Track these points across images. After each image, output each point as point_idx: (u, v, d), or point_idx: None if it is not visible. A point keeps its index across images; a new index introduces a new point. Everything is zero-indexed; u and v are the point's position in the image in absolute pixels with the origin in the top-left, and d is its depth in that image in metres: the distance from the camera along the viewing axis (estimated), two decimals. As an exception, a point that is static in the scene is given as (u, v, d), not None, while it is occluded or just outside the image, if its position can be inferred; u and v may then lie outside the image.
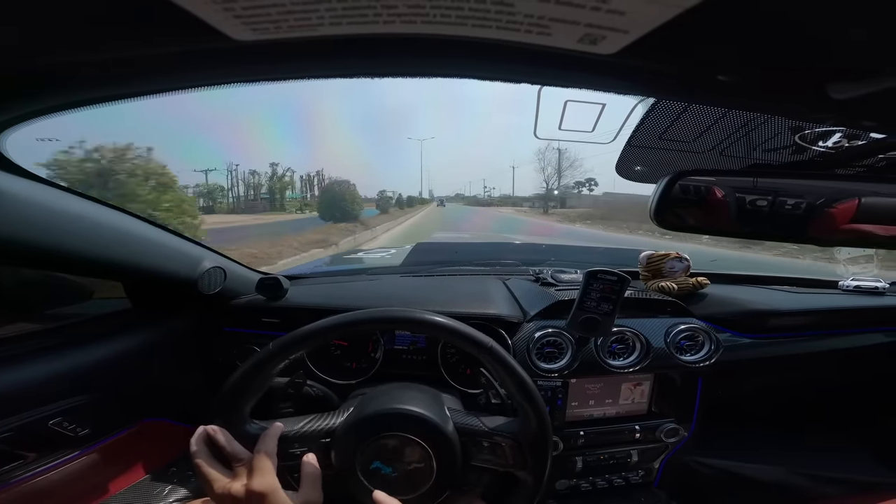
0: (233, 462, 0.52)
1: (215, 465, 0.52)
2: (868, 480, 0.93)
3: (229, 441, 0.53)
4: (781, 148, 0.48)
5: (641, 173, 0.58)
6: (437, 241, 7.06)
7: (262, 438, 0.53)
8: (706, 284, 1.06)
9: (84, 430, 0.65)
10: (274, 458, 0.52)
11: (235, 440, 0.53)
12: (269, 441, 0.53)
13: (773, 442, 1.02)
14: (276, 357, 0.54)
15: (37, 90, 0.32)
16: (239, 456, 0.52)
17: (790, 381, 1.07)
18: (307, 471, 0.54)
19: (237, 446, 0.53)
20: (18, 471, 0.59)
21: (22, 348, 0.62)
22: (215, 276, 0.84)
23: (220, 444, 0.53)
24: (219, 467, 0.51)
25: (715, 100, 0.37)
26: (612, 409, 0.92)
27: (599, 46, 0.23)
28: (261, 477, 0.49)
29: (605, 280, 0.77)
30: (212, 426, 0.53)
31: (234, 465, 0.52)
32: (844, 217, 0.46)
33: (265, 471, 0.50)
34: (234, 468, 0.52)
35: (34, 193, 0.51)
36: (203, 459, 0.51)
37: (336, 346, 0.93)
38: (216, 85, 0.31)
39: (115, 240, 0.64)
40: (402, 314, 0.58)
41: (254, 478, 0.49)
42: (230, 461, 0.52)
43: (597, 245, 3.87)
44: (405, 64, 0.28)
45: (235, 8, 0.20)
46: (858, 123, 0.35)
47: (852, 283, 1.14)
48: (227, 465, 0.52)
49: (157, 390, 0.83)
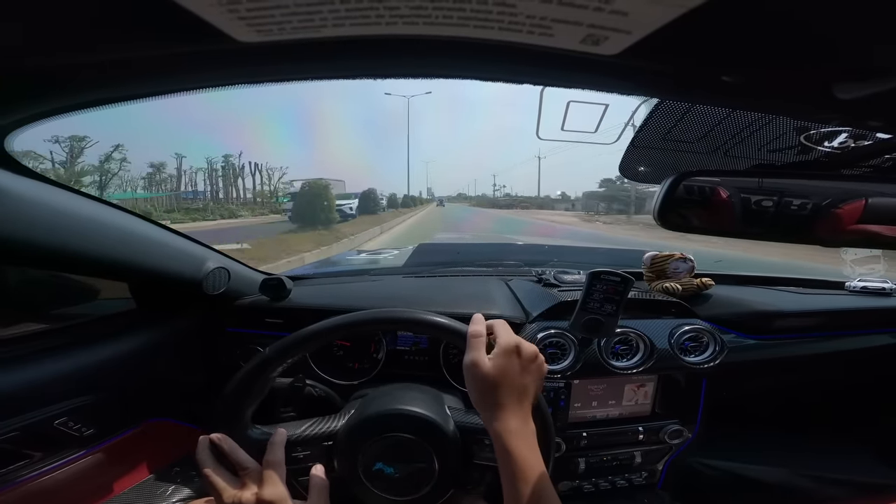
0: (239, 470, 0.52)
1: (223, 473, 0.52)
2: (873, 482, 0.92)
3: (233, 449, 0.53)
4: (786, 148, 0.48)
5: (645, 174, 0.58)
6: (439, 241, 7.06)
7: (269, 447, 0.54)
8: (711, 285, 1.05)
9: (89, 429, 0.66)
10: (282, 468, 0.53)
11: (239, 447, 0.54)
12: (276, 450, 0.54)
13: (777, 443, 1.01)
14: (274, 361, 0.54)
15: (41, 92, 0.32)
16: (244, 464, 0.52)
17: (795, 383, 1.06)
18: (315, 482, 0.55)
19: (242, 454, 0.53)
20: (24, 470, 0.59)
21: (27, 348, 0.63)
22: (219, 276, 0.84)
23: (224, 452, 0.53)
24: (227, 476, 0.52)
25: (719, 100, 0.36)
26: (615, 411, 0.92)
27: (602, 47, 0.23)
28: (271, 487, 0.50)
29: (608, 281, 0.77)
30: (216, 434, 0.53)
31: (241, 473, 0.52)
32: (851, 218, 0.45)
33: (274, 480, 0.51)
34: (241, 476, 0.52)
35: (40, 194, 0.51)
36: (211, 469, 0.51)
37: (338, 347, 0.93)
38: (221, 86, 0.31)
39: (121, 240, 0.64)
40: (403, 314, 0.58)
41: (264, 487, 0.50)
42: (236, 469, 0.53)
43: (601, 246, 3.85)
44: (407, 65, 0.28)
45: (240, 10, 0.20)
46: (865, 123, 0.35)
47: (859, 283, 1.13)
48: (233, 472, 0.53)
49: (162, 390, 0.83)
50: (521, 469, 0.48)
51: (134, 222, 0.68)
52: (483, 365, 0.51)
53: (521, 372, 0.52)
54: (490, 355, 0.52)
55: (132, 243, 0.66)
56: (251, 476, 0.51)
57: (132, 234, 0.67)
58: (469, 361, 0.52)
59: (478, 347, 0.52)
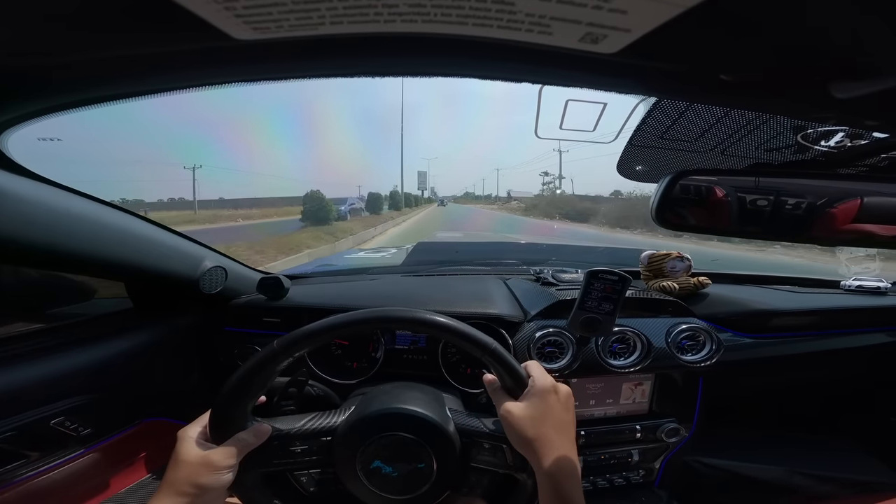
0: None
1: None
2: (869, 480, 0.93)
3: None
4: (783, 147, 0.48)
5: (642, 173, 0.58)
6: (438, 240, 7.07)
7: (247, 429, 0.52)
8: (708, 284, 1.05)
9: (86, 429, 0.65)
10: (246, 448, 0.51)
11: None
12: (250, 433, 0.52)
13: (774, 441, 1.02)
14: (277, 357, 0.54)
15: (37, 89, 0.32)
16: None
17: (791, 381, 1.07)
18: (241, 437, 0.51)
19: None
20: (21, 470, 0.59)
21: (24, 348, 0.63)
22: (216, 275, 0.84)
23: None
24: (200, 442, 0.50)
25: (716, 99, 0.36)
26: (612, 409, 0.92)
27: (601, 45, 0.23)
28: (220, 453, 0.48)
29: (606, 280, 0.77)
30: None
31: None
32: (847, 217, 0.46)
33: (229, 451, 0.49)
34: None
35: (36, 193, 0.51)
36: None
37: (337, 346, 0.93)
38: (218, 84, 0.31)
39: (118, 239, 0.64)
40: (403, 314, 0.58)
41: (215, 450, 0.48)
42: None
43: (598, 245, 3.85)
44: (406, 63, 0.28)
45: (237, 7, 0.20)
46: (861, 123, 0.35)
47: (854, 283, 1.14)
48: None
49: (159, 390, 0.83)
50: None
51: (130, 221, 0.67)
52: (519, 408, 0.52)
53: (561, 409, 0.54)
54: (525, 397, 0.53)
55: (129, 242, 0.66)
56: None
57: (128, 232, 0.66)
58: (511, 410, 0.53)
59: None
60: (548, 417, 0.52)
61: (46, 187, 0.53)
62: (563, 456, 0.50)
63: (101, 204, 0.63)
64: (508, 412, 0.52)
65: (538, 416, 0.51)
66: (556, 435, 0.51)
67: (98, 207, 0.61)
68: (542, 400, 0.52)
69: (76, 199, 0.57)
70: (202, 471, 0.47)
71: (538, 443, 0.50)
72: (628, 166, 0.57)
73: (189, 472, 0.46)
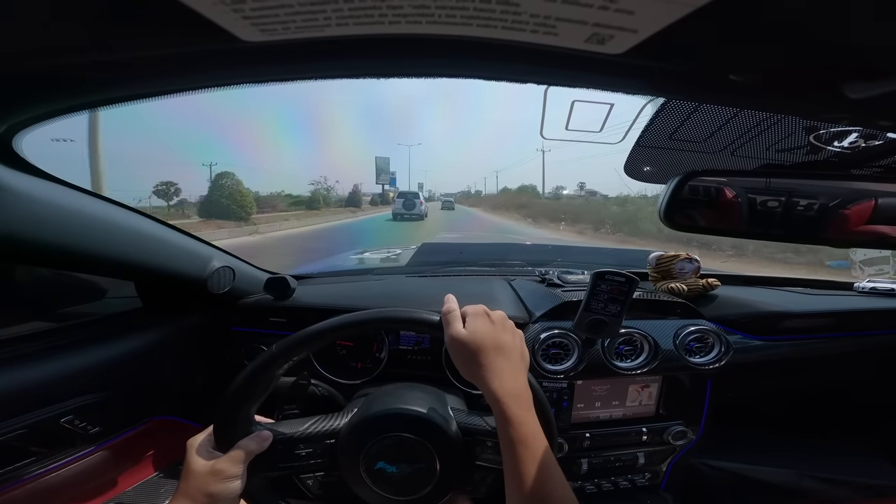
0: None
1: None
2: (881, 484, 0.91)
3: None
4: (795, 148, 0.47)
5: (651, 174, 0.58)
6: (442, 241, 7.05)
7: (249, 437, 0.52)
8: (717, 286, 1.04)
9: (95, 427, 0.66)
10: (249, 456, 0.51)
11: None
12: (252, 440, 0.52)
13: (783, 445, 1.00)
14: (276, 361, 0.54)
15: (49, 91, 0.32)
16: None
17: (802, 384, 1.05)
18: (243, 444, 0.51)
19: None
20: (30, 467, 0.60)
21: (34, 346, 0.63)
22: (224, 275, 0.85)
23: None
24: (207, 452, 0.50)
25: (726, 99, 0.36)
26: (618, 411, 0.91)
27: (607, 46, 0.22)
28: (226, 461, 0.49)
29: (612, 281, 0.76)
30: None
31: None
32: (860, 218, 0.45)
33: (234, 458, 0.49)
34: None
35: (50, 193, 0.52)
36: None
37: (341, 347, 0.93)
38: (226, 85, 0.32)
39: (128, 240, 0.64)
40: (405, 314, 0.58)
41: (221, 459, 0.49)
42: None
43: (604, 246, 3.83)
44: (411, 64, 0.28)
45: (244, 9, 0.20)
46: (875, 123, 0.34)
47: (868, 284, 1.12)
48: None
49: (166, 389, 0.84)
50: (520, 433, 0.47)
51: (140, 221, 0.68)
52: (460, 333, 0.52)
53: (495, 329, 0.53)
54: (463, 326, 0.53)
55: (139, 242, 0.67)
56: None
57: (139, 232, 0.67)
58: (448, 337, 0.53)
59: (453, 322, 0.53)
60: (484, 338, 0.51)
61: (60, 187, 0.54)
62: (508, 380, 0.50)
63: (113, 204, 0.63)
64: (449, 341, 0.52)
65: (475, 339, 0.51)
66: (493, 358, 0.51)
67: (108, 207, 0.62)
68: (476, 321, 0.53)
69: (87, 199, 0.58)
70: (210, 480, 0.47)
71: (477, 367, 0.51)
72: (636, 167, 0.56)
73: (199, 482, 0.47)
